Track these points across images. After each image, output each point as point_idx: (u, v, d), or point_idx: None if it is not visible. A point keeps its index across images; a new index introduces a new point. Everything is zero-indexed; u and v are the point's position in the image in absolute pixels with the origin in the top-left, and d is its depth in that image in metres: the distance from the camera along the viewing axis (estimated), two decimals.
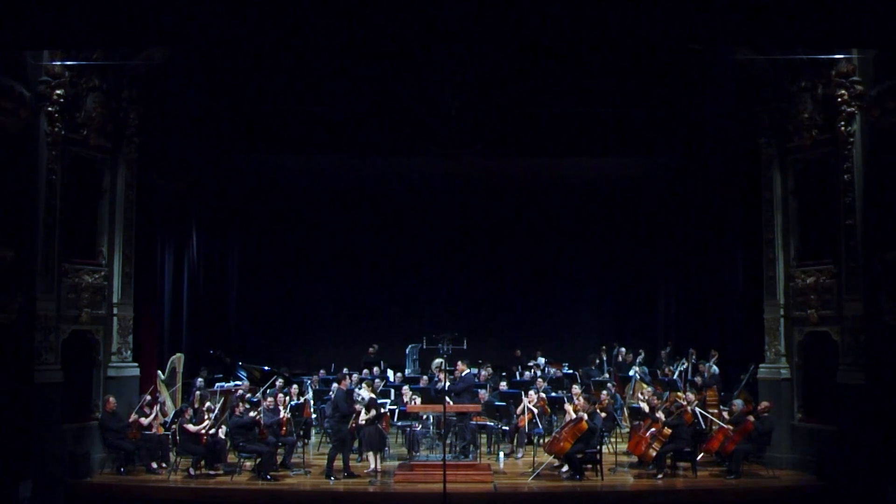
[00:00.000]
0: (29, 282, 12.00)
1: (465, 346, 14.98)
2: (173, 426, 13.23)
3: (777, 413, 12.96)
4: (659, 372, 16.59)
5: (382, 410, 14.00)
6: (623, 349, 17.87)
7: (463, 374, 14.08)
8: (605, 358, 17.67)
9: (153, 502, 12.10)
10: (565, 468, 12.72)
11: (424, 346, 17.02)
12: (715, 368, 15.42)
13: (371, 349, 18.21)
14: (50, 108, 12.21)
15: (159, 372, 14.66)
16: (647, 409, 13.24)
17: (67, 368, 12.43)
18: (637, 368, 16.66)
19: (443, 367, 14.29)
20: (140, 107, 13.70)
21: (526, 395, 14.07)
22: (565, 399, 14.02)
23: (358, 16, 10.27)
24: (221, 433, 12.98)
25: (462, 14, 10.58)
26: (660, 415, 12.87)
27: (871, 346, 11.93)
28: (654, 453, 12.67)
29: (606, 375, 16.92)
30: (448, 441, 12.87)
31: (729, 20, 9.93)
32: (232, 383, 15.74)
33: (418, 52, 14.29)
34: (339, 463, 12.70)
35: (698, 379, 15.40)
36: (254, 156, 16.29)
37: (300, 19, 10.27)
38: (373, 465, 12.83)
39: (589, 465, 12.66)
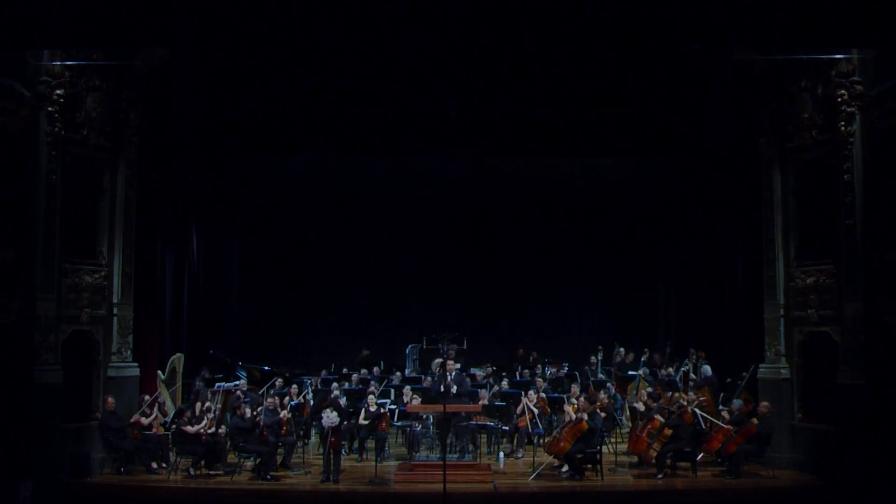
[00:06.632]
0: (29, 282, 11.99)
1: (465, 346, 14.97)
2: (173, 426, 13.23)
3: (777, 413, 12.93)
4: (658, 373, 16.57)
5: (382, 410, 14.01)
6: (622, 349, 17.85)
7: (453, 374, 13.72)
8: (600, 358, 17.64)
9: (153, 502, 12.11)
10: (565, 468, 12.71)
11: (425, 346, 17.00)
12: (706, 368, 15.38)
13: (365, 351, 18.19)
14: (50, 108, 12.19)
15: (159, 372, 14.64)
16: (644, 409, 13.25)
17: (67, 368, 12.42)
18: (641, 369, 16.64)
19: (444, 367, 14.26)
20: (140, 107, 13.68)
21: (526, 395, 14.07)
22: (565, 399, 14.01)
23: (358, 16, 10.29)
24: (222, 431, 12.98)
25: (462, 14, 10.60)
26: (658, 415, 12.87)
27: (871, 346, 11.92)
28: (654, 453, 12.67)
29: (601, 375, 16.89)
30: (448, 441, 12.86)
31: (729, 20, 9.95)
32: (232, 383, 15.73)
33: (418, 52, 14.28)
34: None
35: (691, 382, 15.38)
36: (254, 156, 16.28)
37: (300, 20, 10.29)
38: None
39: (589, 465, 12.65)
